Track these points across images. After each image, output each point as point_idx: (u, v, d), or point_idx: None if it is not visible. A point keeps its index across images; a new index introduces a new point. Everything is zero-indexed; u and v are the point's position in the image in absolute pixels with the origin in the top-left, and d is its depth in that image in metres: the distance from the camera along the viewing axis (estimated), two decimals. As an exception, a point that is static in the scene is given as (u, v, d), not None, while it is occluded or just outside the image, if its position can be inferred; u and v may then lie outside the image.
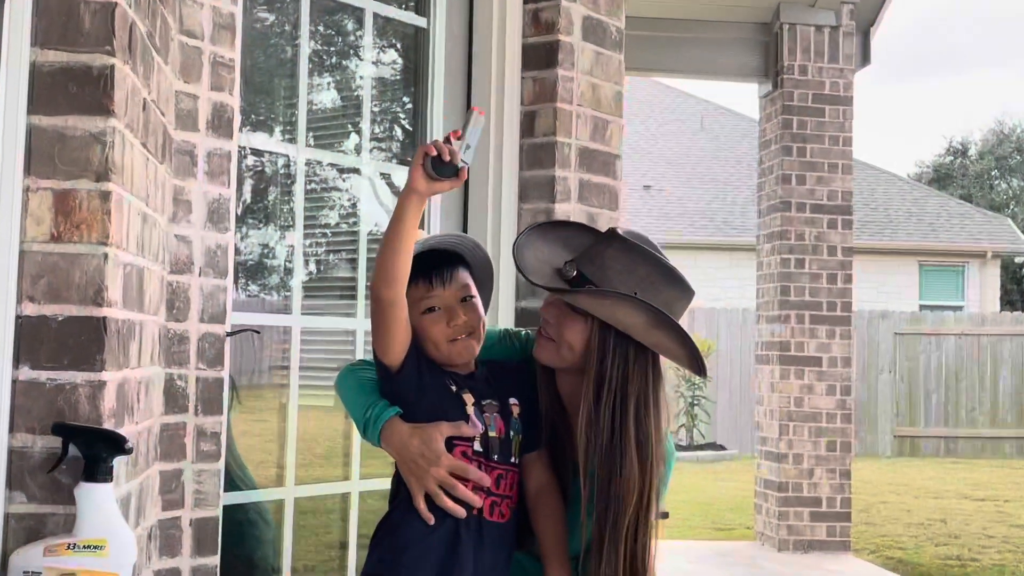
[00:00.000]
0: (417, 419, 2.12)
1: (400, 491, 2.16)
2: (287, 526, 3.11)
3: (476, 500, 2.11)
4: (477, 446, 2.14)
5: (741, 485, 11.66)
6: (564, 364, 2.20)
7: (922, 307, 18.76)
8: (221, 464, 2.66)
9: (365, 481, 3.29)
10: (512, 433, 2.18)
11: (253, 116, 3.58)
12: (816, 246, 7.16)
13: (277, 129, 3.60)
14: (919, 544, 8.51)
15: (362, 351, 3.34)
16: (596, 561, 2.09)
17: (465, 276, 2.23)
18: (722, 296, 17.84)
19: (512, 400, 2.21)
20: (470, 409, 2.15)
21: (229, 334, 2.72)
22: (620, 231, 2.19)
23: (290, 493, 3.11)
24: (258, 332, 3.13)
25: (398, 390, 2.15)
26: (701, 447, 15.11)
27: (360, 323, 3.37)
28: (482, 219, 3.51)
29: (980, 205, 26.78)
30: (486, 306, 2.31)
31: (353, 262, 3.53)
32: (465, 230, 3.53)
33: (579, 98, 3.54)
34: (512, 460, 2.18)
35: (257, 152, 3.48)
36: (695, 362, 2.14)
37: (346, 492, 3.29)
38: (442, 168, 2.00)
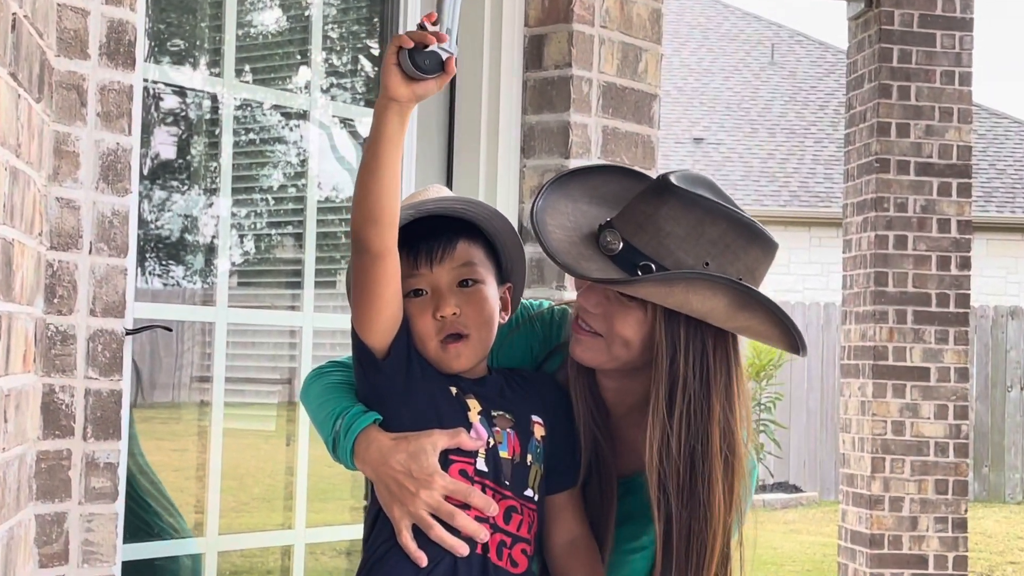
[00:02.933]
0: (401, 426, 2.10)
1: (379, 524, 2.14)
2: (209, 590, 3.11)
3: (482, 532, 2.08)
4: (481, 464, 2.10)
5: (821, 539, 11.66)
6: (616, 365, 2.20)
7: (1065, 302, 18.75)
8: (119, 505, 2.66)
9: (314, 530, 3.30)
10: (530, 458, 2.16)
11: (166, 40, 3.57)
12: (923, 220, 7.14)
13: (203, 59, 3.59)
14: (1058, 618, 8.51)
15: (309, 357, 3.33)
16: None
17: (470, 252, 2.18)
18: (797, 286, 17.83)
19: (535, 418, 2.19)
20: (474, 416, 2.12)
21: (130, 332, 2.72)
22: (673, 179, 2.15)
23: (213, 545, 3.11)
24: (170, 330, 3.13)
25: (381, 386, 2.11)
26: (769, 488, 15.12)
27: (308, 319, 3.36)
28: (471, 180, 3.51)
29: None
30: (516, 301, 2.28)
31: (299, 238, 3.53)
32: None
33: (603, 17, 3.53)
34: (528, 493, 2.15)
35: (172, 89, 3.47)
36: (792, 339, 2.15)
37: (288, 545, 3.29)
38: (424, 61, 1.97)
